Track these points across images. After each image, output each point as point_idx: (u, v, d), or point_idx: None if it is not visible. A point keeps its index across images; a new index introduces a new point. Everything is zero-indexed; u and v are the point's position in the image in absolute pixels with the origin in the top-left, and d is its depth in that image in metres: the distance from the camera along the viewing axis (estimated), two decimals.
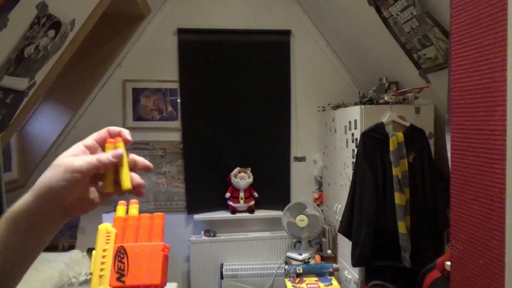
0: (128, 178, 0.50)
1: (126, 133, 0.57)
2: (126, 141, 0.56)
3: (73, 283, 2.20)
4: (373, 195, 2.28)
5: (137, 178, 0.53)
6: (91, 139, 0.56)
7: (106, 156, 0.53)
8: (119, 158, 0.52)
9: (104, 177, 0.52)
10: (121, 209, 0.53)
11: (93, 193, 0.53)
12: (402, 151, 2.25)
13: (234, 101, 3.27)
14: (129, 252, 0.46)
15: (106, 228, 0.49)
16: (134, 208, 0.52)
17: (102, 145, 0.56)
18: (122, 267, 0.45)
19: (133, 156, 0.56)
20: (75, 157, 0.52)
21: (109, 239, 0.48)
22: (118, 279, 0.45)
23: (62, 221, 0.52)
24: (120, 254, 0.46)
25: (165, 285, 0.45)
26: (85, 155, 0.53)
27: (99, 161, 0.51)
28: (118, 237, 0.48)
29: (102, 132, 0.57)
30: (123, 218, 0.51)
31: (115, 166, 0.53)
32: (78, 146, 0.54)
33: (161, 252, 0.46)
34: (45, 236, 0.51)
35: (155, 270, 0.44)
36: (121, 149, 0.53)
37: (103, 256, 0.47)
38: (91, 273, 0.46)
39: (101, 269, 0.46)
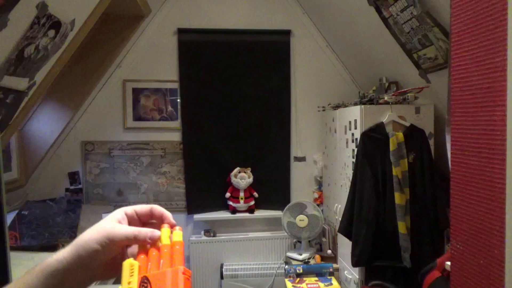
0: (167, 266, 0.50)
1: (169, 216, 0.59)
2: (173, 226, 0.58)
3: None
4: (373, 195, 2.28)
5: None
6: (131, 209, 0.58)
7: (145, 234, 0.54)
8: (155, 240, 0.54)
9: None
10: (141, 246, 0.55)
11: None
12: (402, 151, 2.25)
13: (234, 101, 3.27)
14: (152, 280, 0.47)
15: (130, 262, 0.50)
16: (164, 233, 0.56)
17: (141, 218, 0.58)
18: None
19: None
20: (117, 224, 0.54)
21: (133, 272, 0.49)
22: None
23: (89, 283, 0.54)
24: (144, 283, 0.47)
25: None
26: (124, 222, 0.55)
27: (136, 237, 0.53)
28: (142, 269, 0.50)
29: (144, 207, 0.59)
30: (145, 250, 0.53)
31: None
32: (121, 212, 0.56)
33: (182, 275, 0.47)
34: None
35: None
36: (165, 238, 0.54)
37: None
38: None
39: None
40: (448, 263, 1.35)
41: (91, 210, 2.85)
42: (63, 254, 0.52)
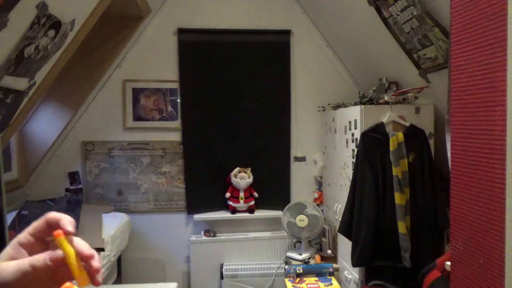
0: (82, 275, 0.47)
1: (66, 222, 0.49)
2: (67, 233, 0.48)
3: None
4: (373, 195, 2.28)
5: (92, 267, 0.48)
6: (25, 234, 0.49)
7: (43, 259, 0.46)
8: (58, 261, 0.46)
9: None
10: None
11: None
12: (402, 151, 2.25)
13: (234, 101, 3.27)
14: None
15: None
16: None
17: (41, 237, 0.49)
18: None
19: (78, 247, 0.48)
20: (6, 263, 0.46)
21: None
22: None
23: None
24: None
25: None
26: (21, 254, 0.47)
27: (34, 267, 0.45)
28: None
29: (38, 224, 0.50)
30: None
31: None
32: (12, 246, 0.48)
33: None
34: None
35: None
36: (60, 249, 0.47)
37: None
38: None
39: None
40: (448, 263, 1.35)
41: (91, 210, 2.85)
42: None
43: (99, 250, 2.34)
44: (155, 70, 3.23)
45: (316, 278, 2.70)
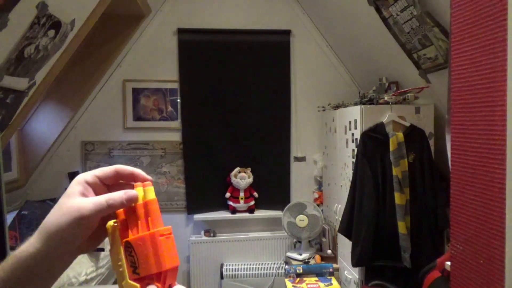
0: (168, 255, 0.46)
1: (140, 172, 0.51)
2: (144, 181, 0.50)
3: (73, 283, 2.20)
4: (373, 195, 2.28)
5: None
6: (92, 176, 0.49)
7: (119, 197, 0.47)
8: (133, 201, 0.48)
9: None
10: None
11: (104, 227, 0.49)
12: (402, 151, 2.25)
13: (234, 101, 3.27)
14: (134, 245, 0.46)
15: (111, 226, 0.49)
16: (140, 190, 0.51)
17: (105, 182, 0.50)
18: (133, 260, 0.46)
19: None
20: (82, 199, 0.46)
21: (115, 237, 0.48)
22: (134, 271, 0.46)
23: (72, 259, 0.49)
24: (128, 248, 0.47)
25: (175, 265, 0.47)
26: (89, 193, 0.48)
27: (110, 205, 0.46)
28: (123, 231, 0.48)
29: (107, 170, 0.51)
30: (122, 212, 0.50)
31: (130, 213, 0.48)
32: (81, 183, 0.48)
33: (160, 238, 0.46)
34: (55, 275, 0.48)
35: (163, 257, 0.46)
36: (134, 192, 0.48)
37: (116, 253, 0.48)
38: (113, 270, 0.48)
39: (119, 265, 0.47)
40: (448, 263, 1.35)
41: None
42: (35, 245, 0.46)
43: (99, 250, 2.35)
44: (155, 70, 3.23)
45: (316, 278, 2.70)
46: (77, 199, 0.46)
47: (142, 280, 0.45)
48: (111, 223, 0.49)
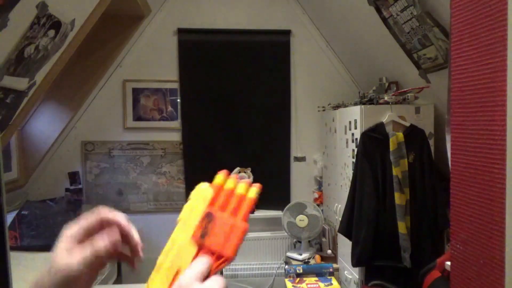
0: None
1: (121, 220, 0.52)
2: (123, 230, 0.52)
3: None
4: (373, 195, 2.28)
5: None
6: (77, 229, 0.51)
7: (103, 243, 0.50)
8: (116, 245, 0.50)
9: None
10: (220, 177, 0.54)
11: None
12: (402, 151, 2.25)
13: (234, 101, 3.27)
14: (217, 220, 0.49)
15: (204, 189, 0.52)
16: (231, 182, 0.53)
17: (91, 232, 0.52)
18: (206, 230, 0.48)
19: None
20: (68, 257, 0.49)
21: (203, 201, 0.51)
22: (201, 237, 0.48)
23: None
24: (209, 218, 0.49)
25: (231, 260, 0.48)
26: (73, 247, 0.50)
27: (95, 255, 0.49)
28: (211, 200, 0.51)
29: (91, 220, 0.52)
30: (219, 186, 0.52)
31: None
32: (65, 239, 0.51)
33: (241, 233, 0.48)
34: None
35: (231, 245, 0.48)
36: (115, 233, 0.51)
37: (195, 213, 0.50)
38: (178, 220, 0.50)
39: (190, 222, 0.50)
40: (448, 263, 1.35)
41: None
42: None
43: None
44: (155, 70, 3.23)
45: (316, 278, 2.70)
46: (64, 258, 0.49)
47: (201, 248, 0.48)
48: (206, 188, 0.52)
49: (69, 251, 0.49)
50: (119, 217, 0.53)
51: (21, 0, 1.54)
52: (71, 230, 0.51)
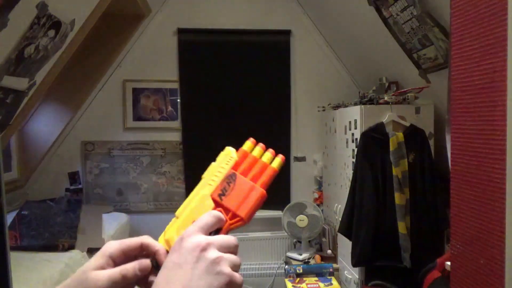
0: None
1: (162, 254, 0.50)
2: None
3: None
4: (373, 195, 2.28)
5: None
6: (117, 248, 0.51)
7: (132, 268, 0.49)
8: (146, 271, 0.49)
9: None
10: (248, 144, 0.57)
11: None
12: (402, 151, 2.25)
13: (234, 101, 3.27)
14: (238, 181, 0.51)
15: (231, 152, 0.55)
16: (257, 150, 0.56)
17: (130, 254, 0.51)
18: (226, 189, 0.51)
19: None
20: (98, 272, 0.48)
21: (228, 162, 0.53)
22: (219, 195, 0.50)
23: None
24: (231, 178, 0.52)
25: (247, 221, 0.51)
26: (108, 265, 0.49)
27: (123, 276, 0.48)
28: (235, 164, 0.53)
29: (132, 243, 0.52)
30: (245, 152, 0.55)
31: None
32: (104, 255, 0.50)
33: (258, 198, 0.51)
34: None
35: (247, 207, 0.50)
36: (148, 261, 0.49)
37: (219, 172, 0.53)
38: (202, 177, 0.53)
39: (212, 180, 0.52)
40: (448, 263, 1.35)
41: (91, 210, 2.85)
42: None
43: (99, 250, 2.34)
44: (155, 70, 3.23)
45: (316, 278, 2.70)
46: (93, 272, 0.49)
47: (217, 205, 0.50)
48: (231, 150, 0.55)
49: (100, 267, 0.49)
50: (159, 246, 0.52)
51: (21, 0, 1.54)
52: (110, 248, 0.51)
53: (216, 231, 0.49)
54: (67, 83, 2.87)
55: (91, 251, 2.29)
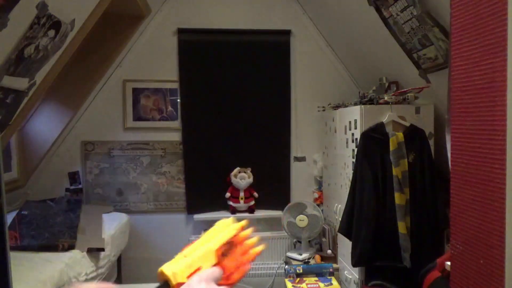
0: None
1: None
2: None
3: (73, 283, 2.20)
4: (373, 195, 2.28)
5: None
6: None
7: None
8: None
9: None
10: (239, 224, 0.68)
11: None
12: (402, 151, 2.25)
13: (234, 101, 3.27)
14: (235, 250, 0.62)
15: (235, 224, 0.65)
16: (246, 233, 0.67)
17: None
18: (227, 251, 0.60)
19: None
20: None
21: (232, 231, 0.63)
22: (222, 254, 0.59)
23: None
24: (231, 244, 0.62)
25: (235, 285, 0.59)
26: None
27: None
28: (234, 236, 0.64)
29: None
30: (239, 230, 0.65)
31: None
32: None
33: (246, 271, 0.62)
34: None
35: (239, 273, 0.60)
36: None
37: (224, 234, 0.62)
38: (207, 232, 0.61)
39: (218, 238, 0.60)
40: (448, 263, 1.35)
41: (91, 210, 2.85)
42: None
43: (99, 250, 2.34)
44: (155, 70, 3.23)
45: (316, 278, 2.70)
46: None
47: (218, 262, 0.58)
48: (233, 222, 0.66)
49: None
50: None
51: (21, 0, 1.54)
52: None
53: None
54: (67, 83, 2.87)
55: (91, 251, 2.29)
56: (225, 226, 0.64)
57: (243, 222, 0.67)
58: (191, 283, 0.52)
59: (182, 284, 0.51)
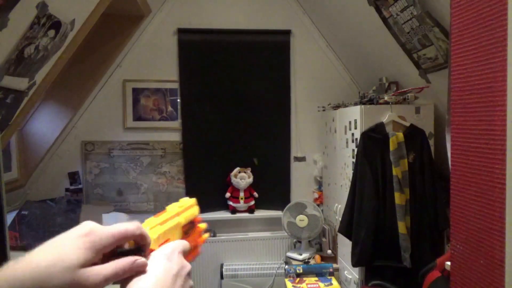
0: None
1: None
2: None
3: None
4: (373, 195, 2.28)
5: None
6: (112, 244, 0.45)
7: (129, 268, 0.44)
8: (144, 267, 0.47)
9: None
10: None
11: None
12: (402, 151, 2.25)
13: (234, 101, 3.27)
14: (195, 230, 0.63)
15: (195, 204, 0.65)
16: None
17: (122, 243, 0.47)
18: (189, 230, 0.62)
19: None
20: (92, 272, 0.42)
21: (194, 210, 0.64)
22: (185, 232, 0.60)
23: None
24: (193, 224, 0.63)
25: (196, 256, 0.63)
26: (99, 260, 0.44)
27: (118, 277, 0.43)
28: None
29: (128, 234, 0.46)
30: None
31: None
32: (94, 248, 0.43)
33: (197, 253, 0.63)
34: None
35: (194, 252, 0.62)
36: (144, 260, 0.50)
37: (185, 211, 0.62)
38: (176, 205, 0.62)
39: (185, 216, 0.61)
40: (448, 263, 1.35)
41: (91, 210, 2.85)
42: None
43: None
44: (155, 70, 3.23)
45: (316, 278, 2.70)
46: (83, 272, 0.41)
47: (182, 238, 0.59)
48: (193, 202, 0.65)
49: (90, 263, 0.41)
50: (150, 240, 0.49)
51: (21, 0, 1.55)
52: (102, 241, 0.42)
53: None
54: (67, 83, 2.87)
55: None
56: (189, 205, 0.64)
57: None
58: (166, 252, 0.50)
59: (152, 251, 0.50)
